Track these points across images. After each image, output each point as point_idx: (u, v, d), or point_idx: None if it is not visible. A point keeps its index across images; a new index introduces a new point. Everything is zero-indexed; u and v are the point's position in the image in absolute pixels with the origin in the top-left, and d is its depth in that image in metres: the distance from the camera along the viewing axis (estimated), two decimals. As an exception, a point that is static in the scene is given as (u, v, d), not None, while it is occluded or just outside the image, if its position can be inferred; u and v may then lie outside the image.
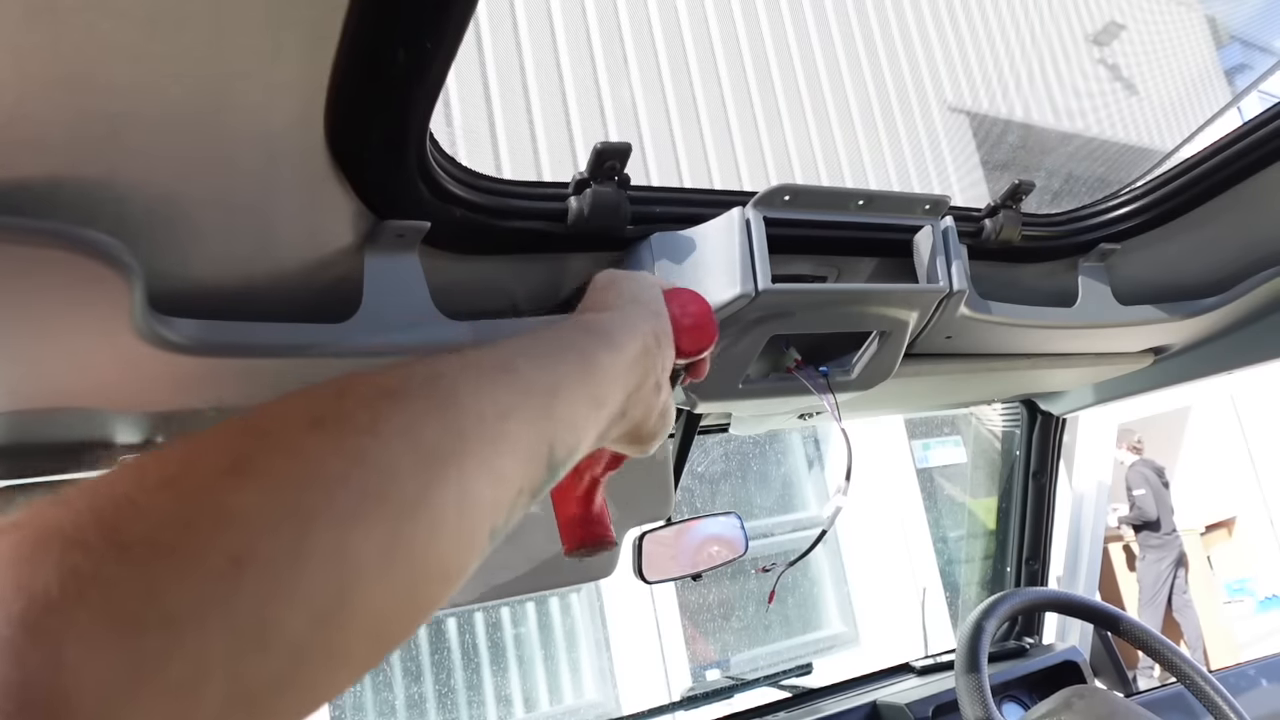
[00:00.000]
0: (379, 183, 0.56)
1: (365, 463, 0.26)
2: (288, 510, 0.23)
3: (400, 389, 0.29)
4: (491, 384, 0.33)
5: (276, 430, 0.25)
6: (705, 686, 1.46)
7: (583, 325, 0.44)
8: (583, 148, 4.24)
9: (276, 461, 0.24)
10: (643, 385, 0.46)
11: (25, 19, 0.34)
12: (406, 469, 0.27)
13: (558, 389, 0.36)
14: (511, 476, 0.32)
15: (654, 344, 0.47)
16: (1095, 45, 7.26)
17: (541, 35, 4.38)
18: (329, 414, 0.27)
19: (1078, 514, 1.65)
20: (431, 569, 0.27)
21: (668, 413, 0.51)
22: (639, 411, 0.46)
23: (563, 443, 0.36)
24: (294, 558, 0.22)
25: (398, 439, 0.27)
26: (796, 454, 4.90)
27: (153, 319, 0.52)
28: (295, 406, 0.27)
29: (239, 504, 0.22)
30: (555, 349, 0.39)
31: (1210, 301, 1.08)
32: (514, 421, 0.32)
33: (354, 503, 0.24)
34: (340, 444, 0.26)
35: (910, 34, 6.03)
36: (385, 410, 0.28)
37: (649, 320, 0.49)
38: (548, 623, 4.11)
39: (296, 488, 0.24)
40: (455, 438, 0.29)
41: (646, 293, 0.52)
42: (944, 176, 5.68)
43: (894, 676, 1.52)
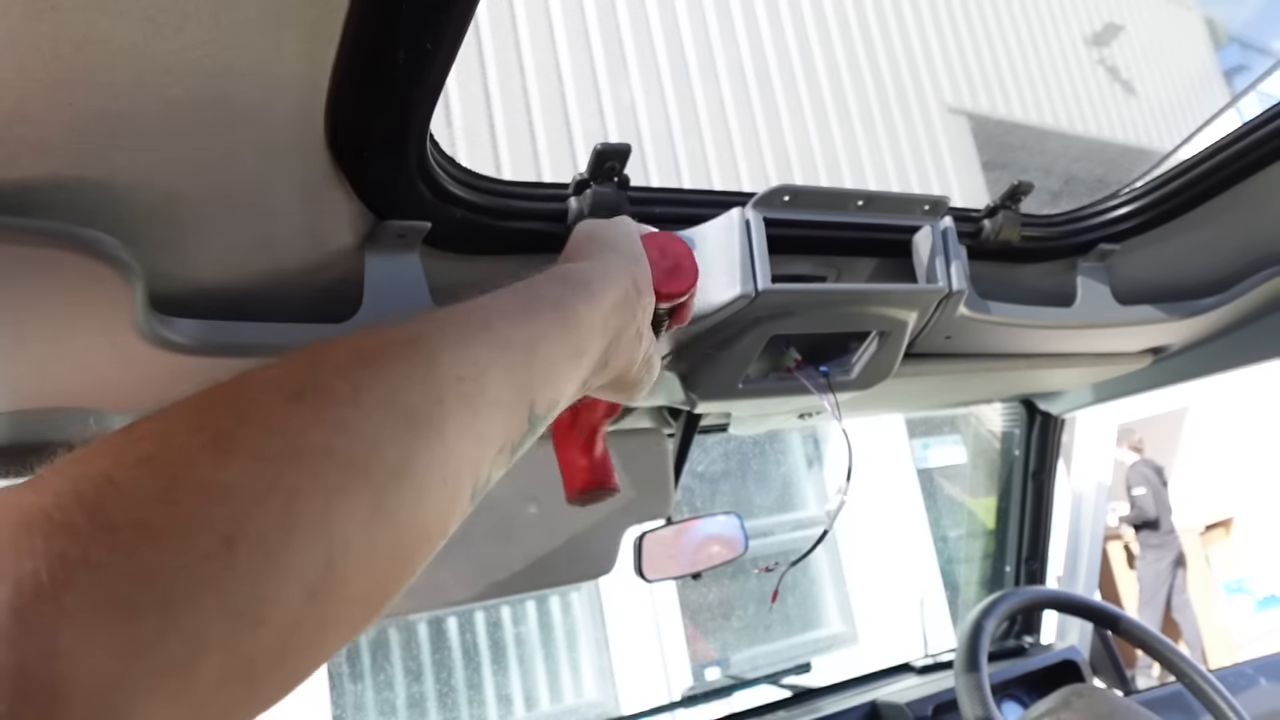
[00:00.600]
0: (379, 183, 0.56)
1: (348, 433, 0.25)
2: (273, 486, 0.23)
3: (378, 355, 0.29)
4: (469, 344, 0.32)
5: (256, 403, 0.25)
6: (705, 685, 1.46)
7: (559, 276, 0.44)
8: (583, 148, 4.24)
9: (258, 436, 0.24)
10: (623, 333, 0.45)
11: (25, 19, 0.34)
12: (388, 437, 0.27)
13: (536, 344, 0.36)
14: (492, 435, 0.32)
15: (633, 291, 0.47)
16: (1095, 46, 7.27)
17: (541, 35, 4.38)
18: (308, 385, 0.26)
19: (1077, 513, 1.65)
20: (415, 533, 0.28)
21: (652, 360, 0.51)
22: (621, 360, 0.46)
23: (543, 397, 0.36)
24: (284, 533, 0.22)
25: (379, 408, 0.27)
26: (796, 453, 4.90)
27: (153, 319, 0.52)
28: (273, 377, 0.27)
29: (224, 480, 0.22)
30: (532, 303, 0.39)
31: (1209, 301, 1.09)
32: (493, 380, 0.32)
33: (338, 475, 0.24)
34: (322, 416, 0.25)
35: (910, 34, 6.03)
36: (364, 379, 0.27)
37: (627, 267, 0.48)
38: (548, 622, 4.11)
39: (280, 462, 0.23)
40: (435, 402, 0.29)
41: (624, 240, 0.51)
42: (944, 177, 5.68)
43: (894, 676, 1.52)
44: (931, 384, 1.18)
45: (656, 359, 0.52)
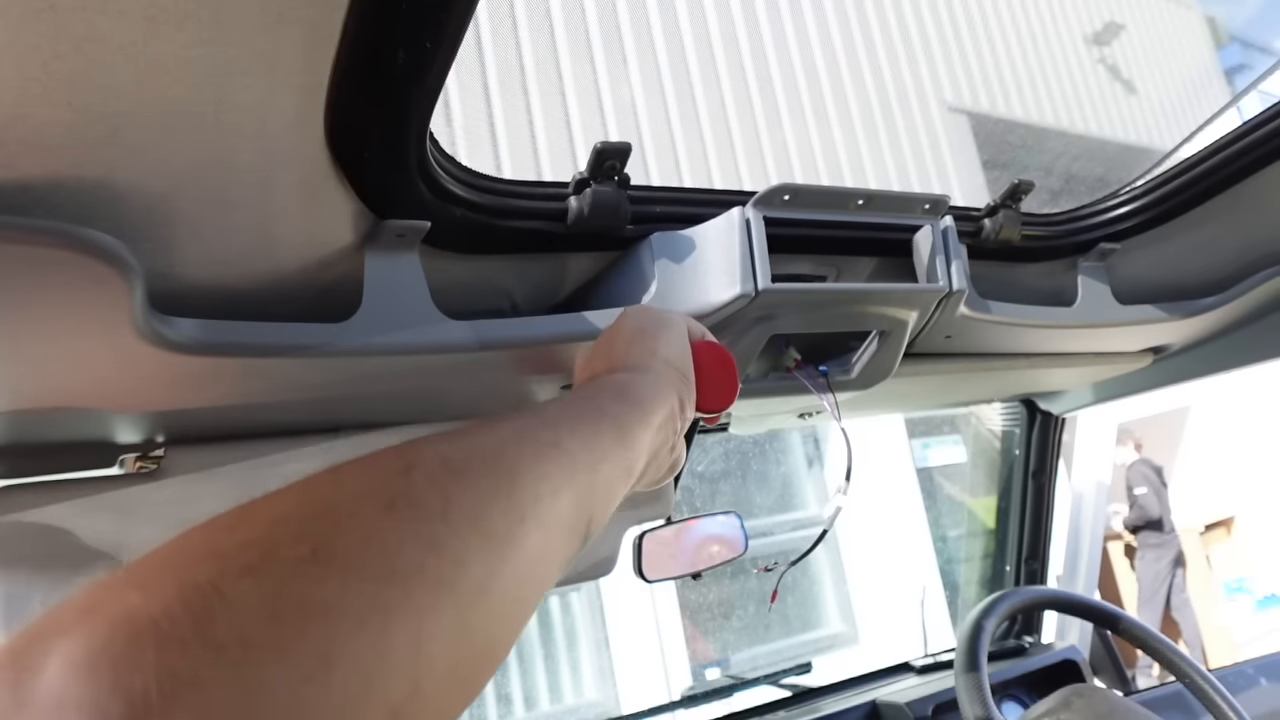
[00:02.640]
0: (379, 182, 0.56)
1: (439, 551, 0.26)
2: (370, 604, 0.23)
3: (465, 467, 0.30)
4: (545, 462, 0.33)
5: (353, 513, 0.25)
6: (705, 685, 1.46)
7: (618, 391, 0.45)
8: (583, 148, 4.24)
9: (355, 548, 0.24)
10: (663, 448, 0.47)
11: (25, 18, 0.34)
12: (474, 556, 0.27)
13: (599, 465, 0.37)
14: (558, 554, 0.33)
15: (677, 408, 0.48)
16: (1095, 45, 7.27)
17: (541, 35, 4.38)
18: (400, 495, 0.27)
19: (1077, 513, 1.65)
20: (491, 651, 0.28)
21: (678, 464, 0.52)
22: (654, 469, 0.48)
23: (599, 516, 0.38)
24: (378, 655, 0.22)
25: (467, 525, 0.28)
26: (796, 453, 4.90)
27: (153, 318, 0.52)
28: (366, 482, 0.27)
29: (324, 597, 0.22)
30: (595, 420, 0.40)
31: (1209, 301, 1.09)
32: (564, 500, 0.33)
33: (430, 594, 0.25)
34: (416, 530, 0.26)
35: (910, 34, 6.03)
36: (455, 493, 0.28)
37: (676, 385, 0.49)
38: (548, 621, 4.11)
39: (377, 579, 0.23)
40: (516, 521, 0.30)
41: (677, 351, 0.52)
42: (944, 176, 5.68)
43: (894, 675, 1.52)
44: (931, 384, 1.18)
45: (680, 463, 0.53)
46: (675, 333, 0.54)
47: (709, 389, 0.53)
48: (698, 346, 0.54)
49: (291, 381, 0.65)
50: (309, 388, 0.67)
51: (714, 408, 0.53)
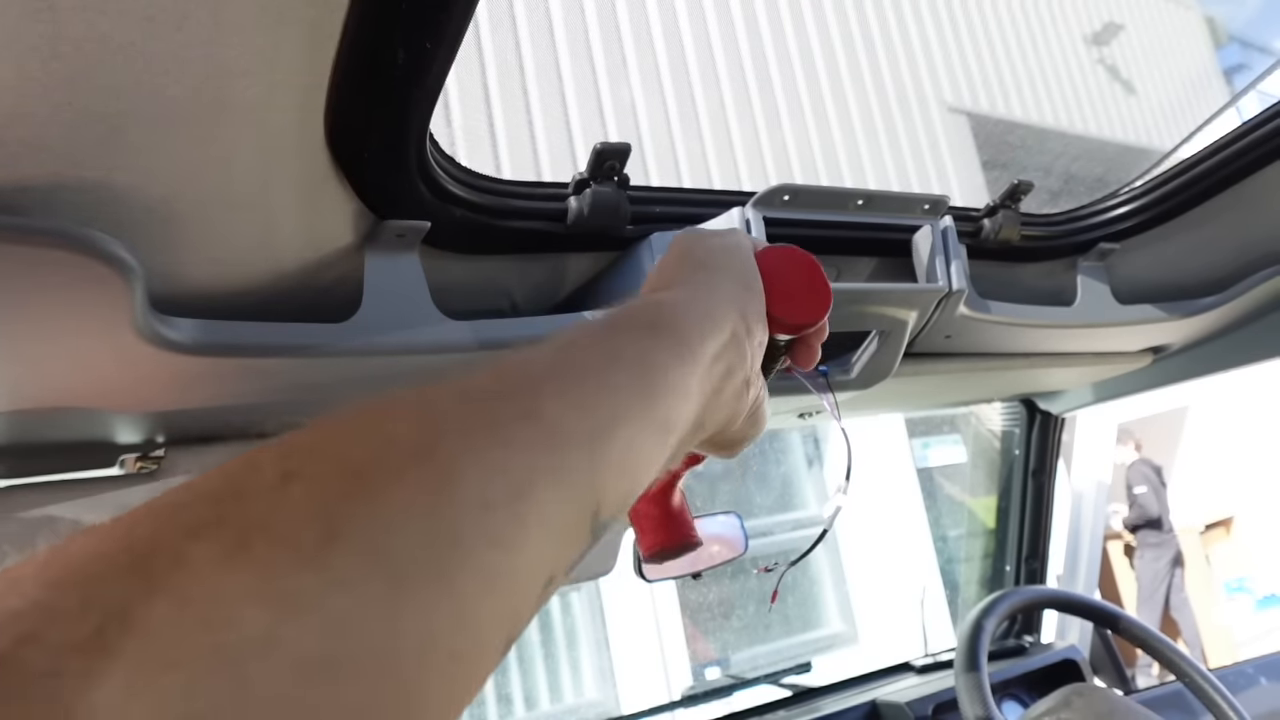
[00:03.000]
0: (379, 183, 0.56)
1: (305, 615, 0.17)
2: (167, 712, 0.15)
3: (369, 470, 0.20)
4: (505, 446, 0.23)
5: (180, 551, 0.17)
6: (705, 685, 1.46)
7: (644, 320, 0.32)
8: (582, 148, 4.24)
9: (162, 621, 0.16)
10: (726, 385, 0.34)
11: (24, 19, 0.34)
12: (368, 614, 0.18)
13: (606, 429, 0.26)
14: (535, 570, 0.23)
15: (742, 330, 0.35)
16: (1095, 45, 7.27)
17: (541, 35, 4.38)
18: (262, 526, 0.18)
19: (1077, 513, 1.65)
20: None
21: (759, 411, 0.39)
22: (720, 417, 0.36)
23: (612, 498, 0.27)
24: None
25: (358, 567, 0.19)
26: (796, 453, 4.90)
27: (153, 318, 0.52)
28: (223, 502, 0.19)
29: (97, 704, 0.15)
30: (603, 368, 0.28)
31: (1209, 301, 1.09)
32: (538, 497, 0.23)
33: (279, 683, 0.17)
34: (269, 587, 0.17)
35: (910, 34, 6.03)
36: (343, 519, 0.19)
37: (734, 299, 0.36)
38: (548, 621, 4.11)
39: (188, 668, 0.16)
40: (446, 547, 0.20)
41: (732, 258, 0.38)
42: (943, 176, 5.68)
43: (894, 675, 1.52)
44: (931, 383, 1.18)
45: (765, 407, 0.40)
46: (727, 239, 0.40)
47: (786, 296, 0.39)
48: (766, 251, 0.41)
49: (291, 381, 0.65)
50: (309, 388, 0.67)
51: (797, 319, 0.39)
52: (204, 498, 0.19)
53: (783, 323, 0.39)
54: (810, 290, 0.40)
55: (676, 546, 0.55)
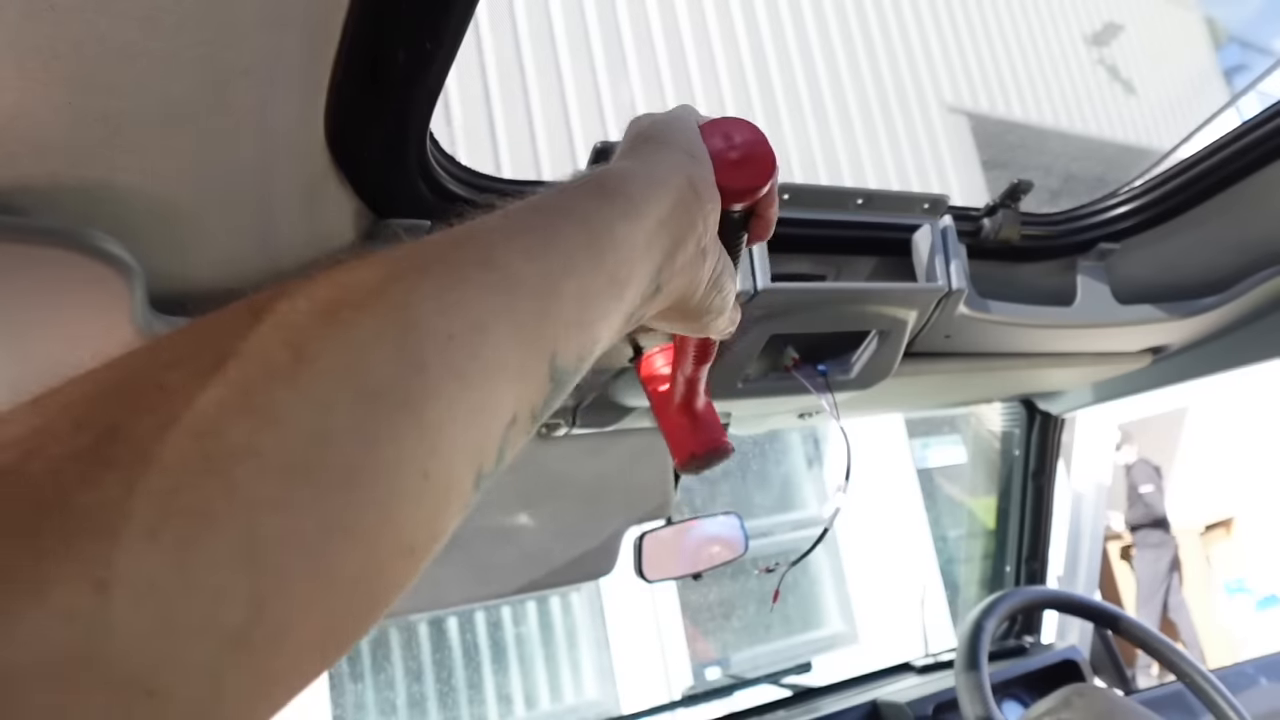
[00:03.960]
0: (379, 182, 0.56)
1: (281, 425, 0.19)
2: (167, 507, 0.17)
3: (335, 307, 0.22)
4: (462, 287, 0.25)
5: (160, 382, 0.19)
6: (705, 685, 1.46)
7: (589, 185, 0.34)
8: (583, 147, 4.24)
9: (151, 434, 0.17)
10: (678, 250, 0.36)
11: (25, 18, 0.34)
12: (342, 428, 0.20)
13: (557, 279, 0.28)
14: (497, 406, 0.25)
15: (690, 194, 0.36)
16: (1095, 46, 7.27)
17: (541, 35, 4.38)
18: (233, 352, 0.20)
19: (1077, 513, 1.65)
20: (387, 547, 0.21)
21: (721, 279, 0.41)
22: (679, 283, 0.37)
23: (569, 346, 0.28)
24: (180, 573, 0.16)
25: (329, 386, 0.20)
26: (796, 453, 4.90)
27: (153, 319, 0.52)
28: (188, 344, 0.20)
29: (96, 503, 0.16)
30: (551, 223, 0.30)
31: (1209, 301, 1.09)
32: (496, 334, 0.25)
33: (268, 485, 0.18)
34: (248, 401, 0.19)
35: (910, 34, 6.03)
36: (311, 344, 0.21)
37: (680, 165, 0.37)
38: (548, 621, 4.11)
39: (179, 471, 0.17)
40: (412, 372, 0.22)
41: (677, 132, 0.40)
42: (943, 176, 5.68)
43: (894, 675, 1.52)
44: (931, 384, 1.18)
45: (728, 278, 0.42)
46: (674, 116, 0.42)
47: (732, 164, 0.40)
48: (709, 123, 0.42)
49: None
50: (309, 388, 0.66)
51: (744, 184, 0.40)
52: (180, 337, 0.21)
53: (731, 190, 0.40)
54: (755, 158, 0.41)
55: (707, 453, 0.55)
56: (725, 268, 0.41)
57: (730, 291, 0.42)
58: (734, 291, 0.43)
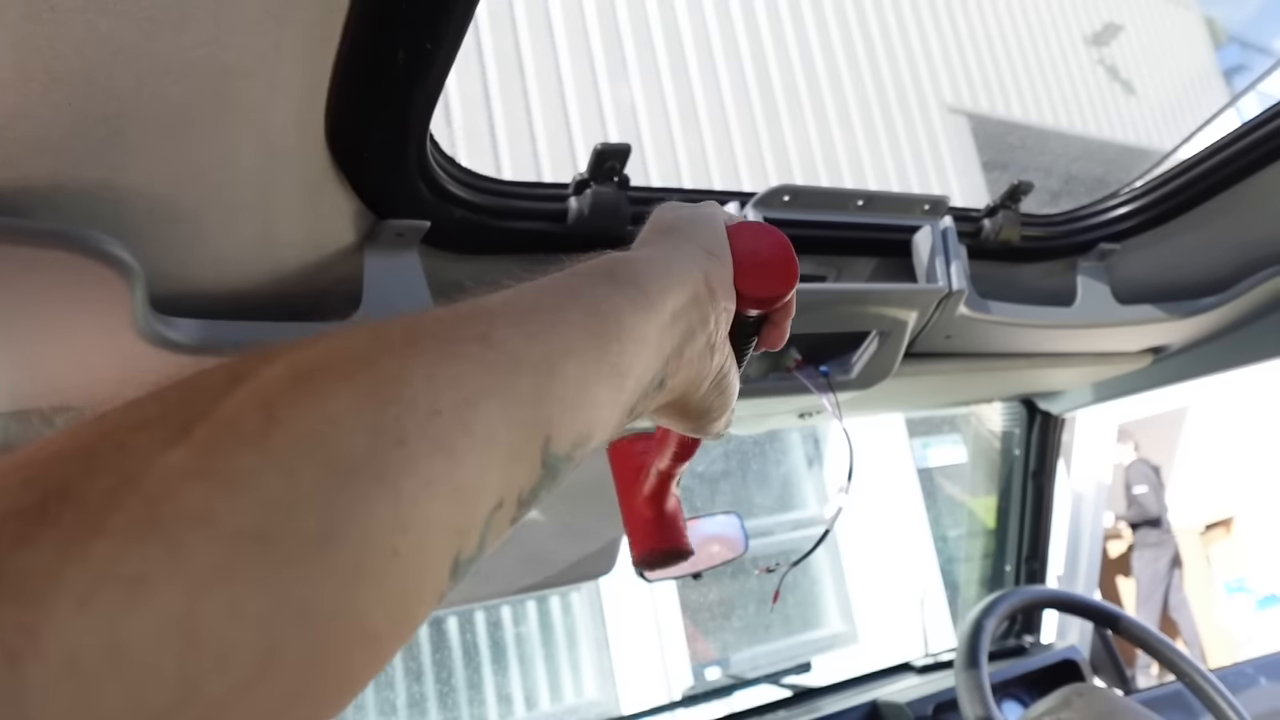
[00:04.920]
0: (379, 182, 0.56)
1: (239, 491, 0.18)
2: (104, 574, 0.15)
3: (318, 376, 0.21)
4: (455, 362, 0.24)
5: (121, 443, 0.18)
6: (705, 685, 1.46)
7: (603, 269, 0.33)
8: (583, 148, 4.24)
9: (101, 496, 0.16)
10: (688, 344, 0.35)
11: (25, 19, 0.34)
12: (306, 497, 0.19)
13: (557, 362, 0.27)
14: (482, 488, 0.24)
15: (704, 291, 0.36)
16: (1095, 46, 7.28)
17: (541, 35, 4.38)
18: (202, 416, 0.19)
19: (1077, 513, 1.65)
20: (346, 632, 0.19)
21: (726, 381, 0.40)
22: (682, 380, 0.36)
23: (565, 432, 0.27)
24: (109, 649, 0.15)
25: (298, 453, 0.19)
26: (796, 453, 4.90)
27: (154, 319, 0.52)
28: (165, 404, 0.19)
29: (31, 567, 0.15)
30: (557, 305, 0.29)
31: (1209, 301, 1.09)
32: (486, 412, 0.24)
33: (215, 553, 0.17)
34: (207, 464, 0.18)
35: (910, 34, 6.03)
36: (284, 410, 0.19)
37: (698, 261, 0.37)
38: (548, 621, 4.11)
39: (125, 534, 0.16)
40: (391, 445, 0.21)
41: (701, 226, 0.39)
42: (943, 177, 5.68)
43: (894, 675, 1.52)
44: (931, 384, 1.18)
45: (733, 379, 0.41)
46: (701, 210, 0.41)
47: (753, 270, 0.39)
48: (737, 225, 0.41)
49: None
50: (309, 388, 0.66)
51: (763, 293, 0.39)
52: (152, 398, 0.20)
53: (748, 296, 0.39)
54: (777, 266, 0.40)
55: (666, 551, 0.54)
56: (731, 369, 0.41)
57: (733, 393, 0.41)
58: (735, 395, 0.42)
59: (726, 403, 0.41)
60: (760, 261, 0.40)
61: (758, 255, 0.40)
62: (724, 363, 0.39)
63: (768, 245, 0.40)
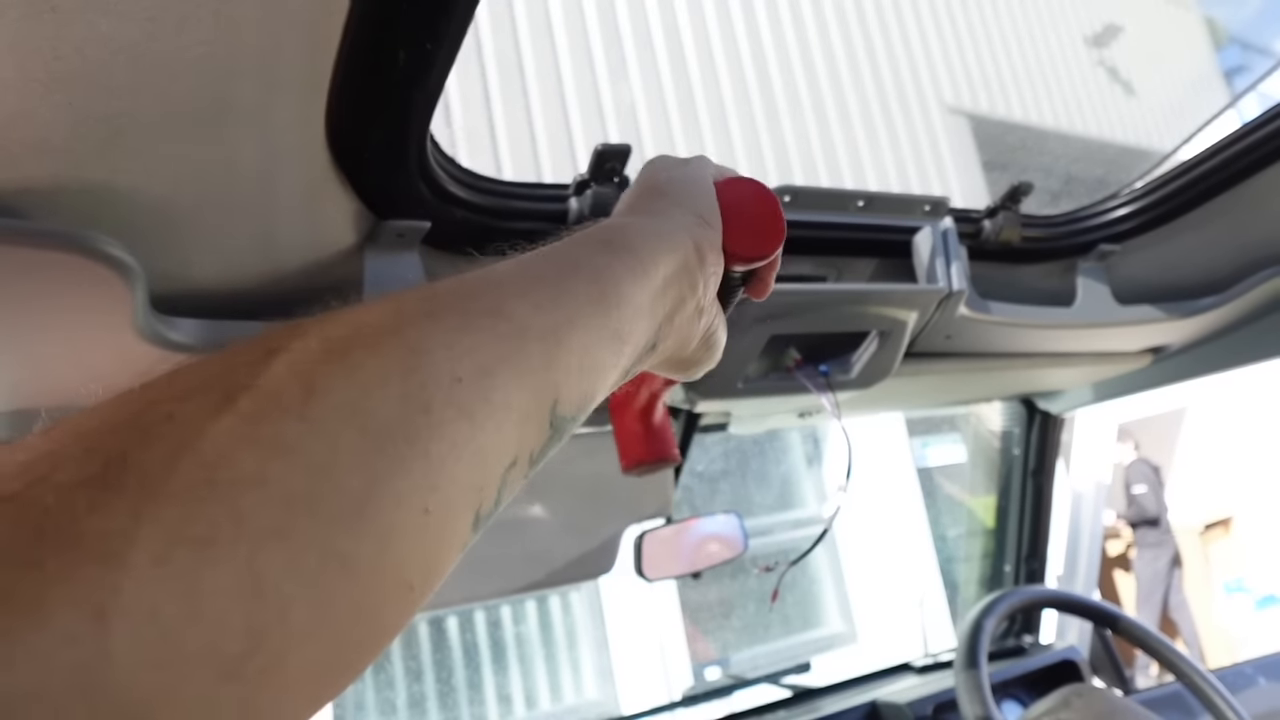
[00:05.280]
0: (379, 183, 0.56)
1: (289, 456, 0.19)
2: (174, 535, 0.17)
3: (347, 345, 0.23)
4: (472, 333, 0.26)
5: (170, 415, 0.19)
6: (705, 685, 1.46)
7: (600, 238, 0.35)
8: (583, 149, 4.24)
9: (161, 463, 0.18)
10: (678, 310, 0.37)
11: (26, 19, 0.34)
12: (347, 461, 0.20)
13: (563, 330, 0.29)
14: (499, 449, 0.26)
15: (694, 257, 0.37)
16: (1095, 46, 7.27)
17: (541, 35, 4.38)
18: (244, 387, 0.20)
19: (1077, 513, 1.65)
20: (388, 582, 0.21)
21: (714, 336, 0.42)
22: (674, 340, 0.38)
23: (571, 395, 0.29)
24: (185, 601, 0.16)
25: (338, 420, 0.21)
26: (795, 452, 4.90)
27: (154, 319, 0.52)
28: (203, 376, 0.21)
29: (102, 530, 0.16)
30: (561, 275, 0.31)
31: (1208, 301, 1.09)
32: (501, 379, 0.26)
33: (272, 514, 0.18)
34: (255, 431, 0.19)
35: (910, 34, 6.03)
36: (322, 380, 0.21)
37: (689, 227, 0.38)
38: (548, 621, 4.11)
39: (186, 499, 0.17)
40: (418, 411, 0.23)
41: (692, 189, 0.40)
42: (944, 177, 5.68)
43: (894, 675, 1.52)
44: (931, 383, 1.18)
45: (720, 334, 0.43)
46: (690, 169, 0.42)
47: (741, 230, 0.40)
48: (725, 183, 0.42)
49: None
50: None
51: (750, 253, 0.40)
52: (193, 369, 0.21)
53: (737, 255, 0.40)
54: (764, 225, 0.41)
55: (654, 460, 0.57)
56: (719, 325, 0.42)
57: (719, 346, 0.43)
58: (721, 347, 0.43)
59: (714, 355, 0.43)
60: (747, 220, 0.40)
61: (745, 214, 0.40)
62: (711, 321, 0.41)
63: (754, 203, 0.41)
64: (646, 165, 0.43)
